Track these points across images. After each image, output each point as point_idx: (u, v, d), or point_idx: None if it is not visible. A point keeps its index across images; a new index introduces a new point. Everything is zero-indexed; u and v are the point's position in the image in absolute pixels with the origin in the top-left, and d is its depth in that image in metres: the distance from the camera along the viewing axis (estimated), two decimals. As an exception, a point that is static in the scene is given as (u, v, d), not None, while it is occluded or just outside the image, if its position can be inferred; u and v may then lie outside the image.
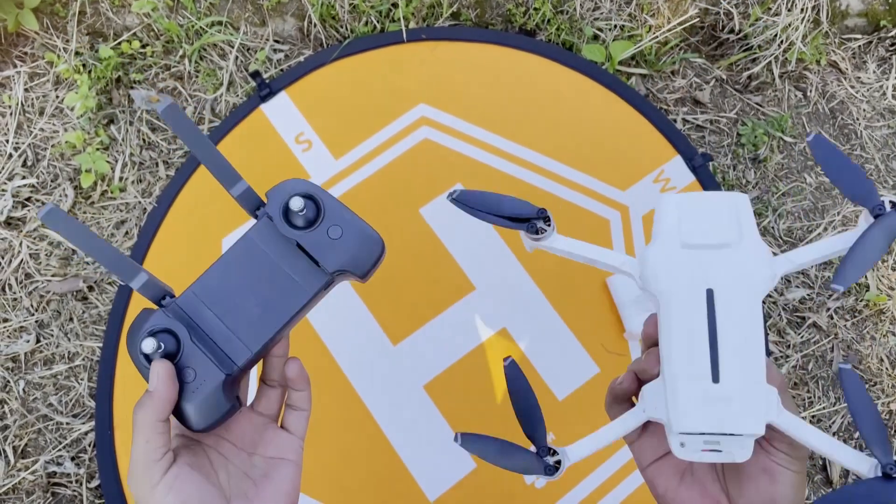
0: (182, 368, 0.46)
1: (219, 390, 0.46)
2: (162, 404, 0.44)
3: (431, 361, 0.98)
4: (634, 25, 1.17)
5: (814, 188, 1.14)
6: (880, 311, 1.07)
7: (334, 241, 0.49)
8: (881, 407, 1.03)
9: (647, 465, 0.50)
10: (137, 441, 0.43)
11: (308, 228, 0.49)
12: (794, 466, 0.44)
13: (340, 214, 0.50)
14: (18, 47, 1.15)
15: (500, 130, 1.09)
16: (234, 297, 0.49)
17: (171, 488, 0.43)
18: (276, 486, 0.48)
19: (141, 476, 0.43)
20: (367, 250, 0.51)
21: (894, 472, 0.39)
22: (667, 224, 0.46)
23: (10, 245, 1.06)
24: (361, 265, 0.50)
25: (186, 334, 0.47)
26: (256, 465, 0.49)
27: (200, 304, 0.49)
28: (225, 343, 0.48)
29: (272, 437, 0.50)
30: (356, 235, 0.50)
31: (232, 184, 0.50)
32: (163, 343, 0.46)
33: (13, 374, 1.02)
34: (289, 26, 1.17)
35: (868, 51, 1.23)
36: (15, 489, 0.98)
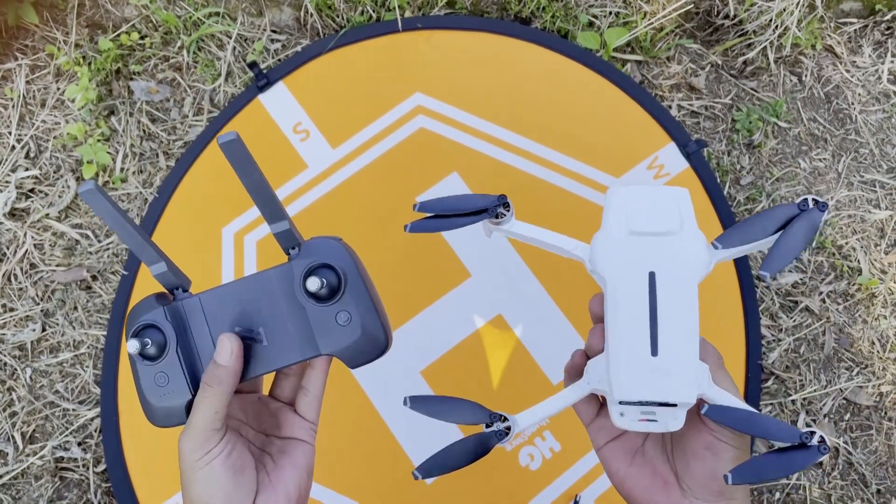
0: (158, 372, 0.48)
1: (182, 407, 0.48)
2: (235, 378, 0.47)
3: (428, 348, 1.00)
4: (629, 12, 1.17)
5: (808, 173, 1.15)
6: (872, 295, 1.09)
7: (339, 326, 0.49)
8: (872, 389, 1.05)
9: (601, 446, 0.53)
10: (206, 409, 0.46)
11: (320, 302, 0.48)
12: (736, 443, 0.47)
13: (359, 300, 0.49)
14: (19, 40, 1.17)
15: (495, 119, 1.10)
16: (232, 325, 0.49)
17: (221, 452, 0.46)
18: (292, 460, 0.50)
19: (200, 441, 0.46)
20: (365, 348, 0.50)
21: (808, 441, 0.42)
22: (615, 212, 0.50)
23: (15, 236, 1.08)
24: (354, 359, 0.50)
25: (174, 342, 0.48)
26: (274, 443, 0.52)
27: (201, 315, 0.49)
28: (206, 360, 0.49)
29: (287, 422, 0.53)
30: (361, 329, 0.49)
31: (274, 220, 0.49)
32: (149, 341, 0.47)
33: (20, 362, 1.04)
34: (285, 16, 1.18)
35: (864, 35, 1.23)
36: (24, 473, 1.01)
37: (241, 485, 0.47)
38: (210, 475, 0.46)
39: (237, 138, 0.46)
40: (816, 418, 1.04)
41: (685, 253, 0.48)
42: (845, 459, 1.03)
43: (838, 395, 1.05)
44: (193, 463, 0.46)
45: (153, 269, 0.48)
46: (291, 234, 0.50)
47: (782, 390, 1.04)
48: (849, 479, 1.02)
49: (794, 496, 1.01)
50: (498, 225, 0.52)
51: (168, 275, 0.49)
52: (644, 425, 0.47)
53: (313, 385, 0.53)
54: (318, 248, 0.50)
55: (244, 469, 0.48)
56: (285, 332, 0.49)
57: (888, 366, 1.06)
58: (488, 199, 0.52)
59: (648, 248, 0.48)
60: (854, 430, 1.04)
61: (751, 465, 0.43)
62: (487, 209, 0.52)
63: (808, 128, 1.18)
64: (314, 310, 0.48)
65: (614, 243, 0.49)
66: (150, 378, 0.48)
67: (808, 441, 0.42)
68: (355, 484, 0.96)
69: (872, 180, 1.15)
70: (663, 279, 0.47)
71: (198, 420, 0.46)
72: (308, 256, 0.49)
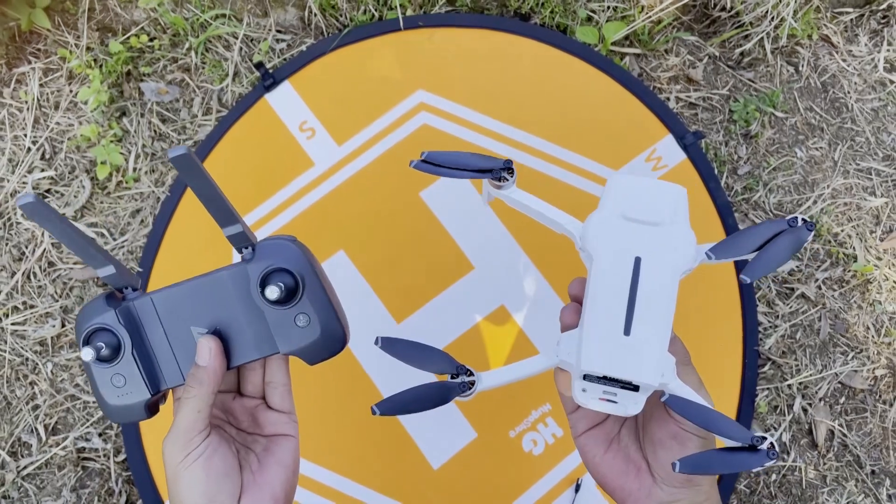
0: (114, 374, 0.48)
1: (141, 406, 0.49)
2: (217, 378, 0.48)
3: (433, 338, 1.03)
4: (627, 6, 1.19)
5: (804, 162, 1.17)
6: (867, 281, 1.11)
7: (298, 328, 0.49)
8: (867, 373, 1.08)
9: (580, 434, 0.55)
10: (187, 410, 0.47)
11: (278, 305, 0.49)
12: (701, 433, 0.49)
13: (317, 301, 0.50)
14: (32, 45, 1.20)
15: (496, 114, 1.13)
16: (187, 324, 0.50)
17: (202, 455, 0.47)
18: (277, 458, 0.51)
19: (182, 442, 0.47)
20: (323, 348, 0.51)
21: (759, 444, 0.44)
22: (613, 197, 0.52)
23: (34, 235, 1.12)
24: (313, 357, 0.51)
25: (129, 344, 0.48)
26: (258, 440, 0.53)
27: (154, 315, 0.50)
28: (163, 360, 0.49)
29: (265, 419, 0.53)
30: (321, 329, 0.50)
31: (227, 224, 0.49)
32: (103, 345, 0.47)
33: (41, 357, 1.08)
34: (290, 16, 1.20)
35: (860, 24, 1.25)
36: (48, 464, 1.05)
37: (222, 489, 0.47)
38: (192, 478, 0.47)
39: (186, 153, 0.45)
40: (812, 402, 1.06)
41: (672, 246, 0.49)
42: (840, 441, 1.06)
43: (833, 380, 1.08)
44: (176, 466, 0.47)
45: (101, 272, 0.48)
46: (245, 236, 0.50)
47: (779, 375, 1.07)
48: (843, 460, 1.05)
49: (789, 477, 1.04)
50: (499, 188, 0.54)
51: (116, 276, 0.49)
52: (603, 405, 0.48)
53: (277, 377, 0.54)
54: (272, 251, 0.50)
55: (228, 472, 0.48)
56: (242, 333, 0.50)
57: (882, 350, 1.08)
58: (495, 161, 0.54)
59: (638, 235, 0.50)
60: (849, 412, 1.07)
61: (700, 457, 0.45)
62: (492, 170, 0.54)
63: (805, 117, 1.20)
64: (272, 313, 0.49)
65: (607, 225, 0.51)
66: (105, 379, 0.48)
67: (758, 444, 0.44)
68: (363, 469, 0.99)
69: (868, 168, 1.17)
70: (648, 266, 0.49)
71: (180, 421, 0.47)
72: (263, 260, 0.49)
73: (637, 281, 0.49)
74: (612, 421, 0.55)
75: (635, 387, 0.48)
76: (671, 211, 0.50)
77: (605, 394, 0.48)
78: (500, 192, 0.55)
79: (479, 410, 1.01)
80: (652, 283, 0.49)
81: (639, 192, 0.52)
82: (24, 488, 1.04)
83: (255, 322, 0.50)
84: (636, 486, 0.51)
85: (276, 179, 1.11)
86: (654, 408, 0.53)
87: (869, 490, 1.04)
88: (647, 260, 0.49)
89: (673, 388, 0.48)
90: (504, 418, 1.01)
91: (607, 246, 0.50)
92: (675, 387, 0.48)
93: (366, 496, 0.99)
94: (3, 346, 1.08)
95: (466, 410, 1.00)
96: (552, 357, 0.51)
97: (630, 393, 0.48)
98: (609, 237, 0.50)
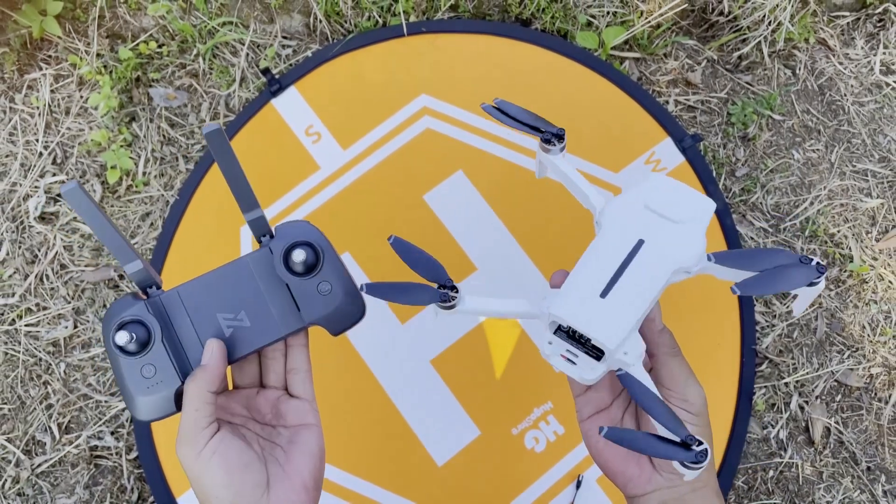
0: (145, 364, 0.49)
1: (171, 395, 0.49)
2: (214, 377, 0.49)
3: (437, 338, 1.06)
4: (626, 11, 1.21)
5: (801, 164, 1.19)
6: (863, 281, 1.13)
7: (321, 296, 0.52)
8: (862, 371, 1.10)
9: (585, 419, 0.57)
10: (188, 410, 0.48)
11: (302, 276, 0.52)
12: (692, 420, 0.52)
13: (336, 271, 0.53)
14: (43, 51, 1.22)
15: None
16: (213, 312, 0.51)
17: (216, 451, 0.47)
18: (302, 448, 0.52)
19: (189, 441, 0.48)
20: (346, 314, 0.53)
21: (692, 443, 0.45)
22: (643, 189, 0.55)
23: (46, 238, 1.15)
24: (337, 325, 0.53)
25: (159, 333, 0.49)
26: (282, 433, 0.54)
27: (181, 308, 0.51)
28: (191, 350, 0.51)
29: (287, 408, 0.54)
30: (343, 297, 0.53)
31: (248, 209, 0.52)
32: (134, 335, 0.48)
33: (54, 357, 1.11)
34: (295, 22, 1.23)
35: (856, 27, 1.27)
36: (61, 461, 1.07)
37: (246, 481, 0.48)
38: (211, 475, 0.47)
39: (220, 128, 0.48)
40: (809, 400, 1.09)
41: (680, 242, 0.52)
42: (836, 439, 1.08)
43: (830, 378, 1.10)
44: (192, 464, 0.47)
45: (129, 268, 0.50)
46: (265, 221, 0.53)
47: (776, 374, 1.09)
48: (840, 457, 1.07)
49: (786, 473, 1.06)
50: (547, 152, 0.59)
51: (143, 272, 0.50)
52: (563, 363, 0.51)
53: (298, 362, 0.55)
54: (291, 230, 0.53)
55: (248, 465, 0.49)
56: (266, 312, 0.52)
57: (878, 349, 1.11)
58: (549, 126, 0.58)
59: (652, 223, 0.52)
60: (845, 410, 1.09)
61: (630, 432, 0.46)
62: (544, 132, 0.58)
63: (802, 120, 1.22)
64: (297, 283, 0.52)
65: (627, 207, 0.54)
66: (135, 372, 0.49)
67: (691, 444, 0.45)
68: (369, 467, 1.02)
69: (864, 169, 1.19)
70: (649, 250, 0.51)
71: (183, 420, 0.48)
72: (284, 238, 0.52)
73: (632, 258, 0.51)
74: (615, 407, 0.57)
75: (597, 355, 0.50)
76: (692, 216, 0.53)
77: (567, 352, 0.51)
78: (546, 155, 0.58)
79: (482, 408, 1.03)
80: (645, 266, 0.51)
81: (669, 191, 0.54)
82: (39, 486, 1.06)
83: (279, 300, 0.52)
84: (637, 472, 0.54)
85: (282, 183, 1.14)
86: None
87: (864, 486, 1.06)
88: (650, 244, 0.51)
89: (634, 371, 0.49)
90: (507, 416, 1.03)
91: (619, 222, 0.53)
92: (635, 371, 0.49)
93: (371, 492, 1.01)
94: (16, 346, 1.11)
95: (470, 408, 1.03)
96: (535, 305, 0.53)
97: (591, 360, 0.50)
98: (624, 216, 0.53)
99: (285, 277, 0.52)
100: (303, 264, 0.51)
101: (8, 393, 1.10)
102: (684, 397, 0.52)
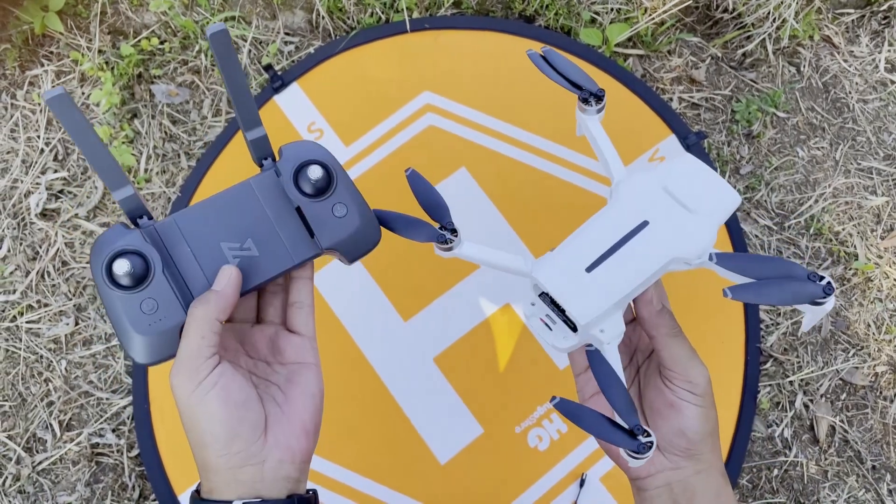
0: (144, 298, 0.44)
1: (176, 331, 0.44)
2: (226, 304, 0.45)
3: (440, 336, 1.05)
4: (630, 8, 1.21)
5: (805, 161, 1.19)
6: (868, 279, 1.12)
7: (337, 218, 0.48)
8: (867, 370, 1.09)
9: (588, 398, 0.56)
10: (191, 336, 0.43)
11: (315, 197, 0.47)
12: (696, 401, 0.50)
13: (350, 193, 0.48)
14: (45, 48, 1.22)
15: (501, 115, 1.15)
16: (216, 240, 0.47)
17: (216, 384, 0.43)
18: (301, 388, 0.49)
19: (189, 371, 0.43)
20: (364, 238, 0.49)
21: (639, 433, 0.44)
22: (667, 170, 0.53)
23: (47, 235, 1.14)
24: (354, 251, 0.49)
25: (160, 262, 0.44)
26: (279, 371, 0.50)
27: (179, 236, 0.46)
28: (193, 283, 0.46)
29: (286, 344, 0.51)
30: (360, 219, 0.48)
31: (251, 127, 0.48)
32: (133, 266, 0.43)
33: (55, 354, 1.10)
34: (298, 19, 1.22)
35: (861, 24, 1.26)
36: (62, 459, 1.07)
37: (244, 419, 0.44)
38: (207, 410, 0.43)
39: (225, 30, 0.43)
40: (814, 398, 1.08)
41: (687, 232, 0.50)
42: (841, 437, 1.07)
43: (835, 376, 1.09)
44: (188, 397, 0.43)
45: (118, 194, 0.45)
46: (267, 141, 0.49)
47: (780, 372, 1.09)
48: (844, 455, 1.07)
49: (791, 472, 1.06)
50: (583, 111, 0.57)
51: (135, 199, 0.45)
52: (539, 326, 0.51)
53: (302, 296, 0.51)
54: (298, 150, 0.48)
55: (247, 402, 0.45)
56: (276, 240, 0.47)
57: (883, 347, 1.10)
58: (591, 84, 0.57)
59: (664, 207, 0.51)
60: (850, 409, 1.09)
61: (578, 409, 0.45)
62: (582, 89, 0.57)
63: (807, 117, 1.21)
64: (310, 206, 0.47)
65: (644, 185, 0.52)
66: (134, 308, 0.44)
67: (637, 433, 0.44)
68: (372, 464, 1.01)
69: (869, 167, 1.19)
70: (651, 233, 0.50)
71: (184, 347, 0.44)
72: (292, 158, 0.48)
73: (630, 238, 0.50)
74: None
75: (573, 326, 0.49)
76: (710, 208, 0.51)
77: (546, 317, 0.51)
78: (581, 115, 0.57)
79: (485, 406, 1.02)
80: (643, 248, 0.49)
81: (695, 177, 0.52)
82: (40, 483, 1.06)
83: (290, 226, 0.48)
84: None
85: (284, 180, 1.13)
86: (651, 376, 0.55)
87: (870, 485, 1.06)
88: (654, 228, 0.50)
89: (606, 350, 0.48)
90: (510, 414, 1.02)
91: (630, 199, 0.51)
92: (608, 350, 0.48)
93: (374, 490, 1.00)
94: (18, 343, 1.10)
95: (473, 406, 1.02)
96: (528, 262, 0.52)
97: (566, 329, 0.50)
98: (638, 194, 0.51)
99: (297, 200, 0.47)
100: (318, 183, 0.47)
101: (9, 390, 1.09)
102: (687, 378, 0.51)
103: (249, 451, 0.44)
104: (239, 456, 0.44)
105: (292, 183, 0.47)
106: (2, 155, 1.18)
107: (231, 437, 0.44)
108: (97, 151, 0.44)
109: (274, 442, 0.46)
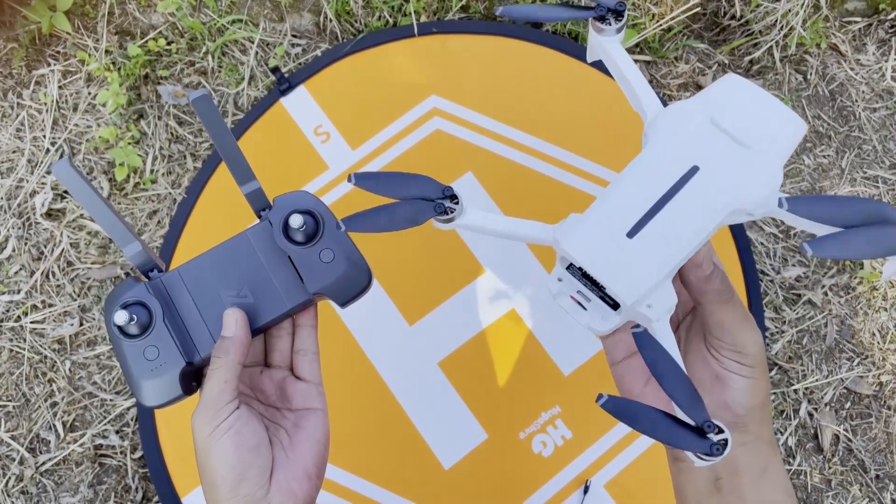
0: (147, 346, 0.47)
1: (175, 376, 0.48)
2: (243, 348, 0.47)
3: (445, 340, 1.05)
4: (638, 14, 1.21)
5: (812, 169, 1.19)
6: (873, 288, 1.12)
7: (324, 263, 0.50)
8: (872, 379, 1.09)
9: (618, 361, 0.50)
10: (216, 381, 0.46)
11: (302, 245, 0.50)
12: (745, 372, 0.45)
13: (337, 239, 0.51)
14: (51, 47, 1.22)
15: (508, 120, 1.14)
16: (216, 290, 0.50)
17: (231, 428, 0.46)
18: (307, 433, 0.50)
19: (210, 413, 0.46)
20: (351, 281, 0.51)
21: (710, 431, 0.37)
22: (712, 95, 0.44)
23: (52, 235, 1.14)
24: (342, 294, 0.51)
25: (160, 313, 0.48)
26: (286, 416, 0.52)
27: (182, 287, 0.50)
28: (195, 330, 0.49)
29: (293, 390, 0.52)
30: (346, 264, 0.51)
31: (244, 181, 0.51)
32: (135, 316, 0.47)
33: (60, 355, 1.10)
34: (305, 21, 1.22)
35: (868, 33, 1.26)
36: (65, 460, 1.07)
37: (253, 463, 0.46)
38: (222, 451, 0.45)
39: (207, 94, 0.47)
40: (818, 407, 1.08)
41: (747, 174, 0.40)
42: (845, 446, 1.07)
43: (839, 385, 1.09)
44: (205, 439, 0.46)
45: (127, 250, 0.49)
46: (262, 194, 0.52)
47: (785, 380, 1.09)
48: (848, 464, 1.07)
49: (795, 481, 1.06)
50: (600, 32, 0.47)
51: (143, 254, 0.49)
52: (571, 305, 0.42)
53: (306, 343, 0.53)
54: (289, 199, 0.51)
55: (258, 446, 0.47)
56: (270, 287, 0.50)
57: (888, 356, 1.10)
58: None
59: (714, 145, 0.41)
60: (854, 418, 1.09)
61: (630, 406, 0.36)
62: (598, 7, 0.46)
63: (813, 125, 1.21)
64: (298, 253, 0.50)
65: (687, 119, 0.43)
66: (137, 354, 0.48)
67: (708, 431, 0.36)
68: (376, 469, 1.01)
69: (875, 176, 1.19)
70: (702, 181, 0.40)
71: (207, 392, 0.46)
72: (282, 208, 0.51)
73: (678, 190, 0.40)
74: None
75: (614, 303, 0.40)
76: (771, 139, 0.41)
77: (578, 294, 0.42)
78: (598, 37, 0.48)
79: (489, 412, 1.02)
80: (694, 201, 0.40)
81: (746, 101, 0.43)
82: (43, 484, 1.06)
83: (282, 273, 0.51)
84: None
85: (291, 182, 1.13)
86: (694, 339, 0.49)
87: (873, 494, 1.05)
88: (704, 173, 0.40)
89: (656, 328, 0.40)
90: (514, 420, 1.02)
91: (671, 139, 0.42)
92: (658, 328, 0.40)
93: (377, 495, 1.00)
94: (22, 344, 1.10)
95: (477, 412, 1.02)
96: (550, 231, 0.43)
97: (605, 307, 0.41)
98: (680, 131, 0.42)
99: (286, 248, 0.50)
100: (302, 231, 0.49)
101: (13, 390, 1.09)
102: (736, 347, 0.45)
103: (256, 496, 0.46)
104: (245, 499, 0.46)
105: (282, 232, 0.50)
106: (7, 154, 1.18)
107: (239, 481, 0.46)
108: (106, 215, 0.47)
109: (277, 486, 0.47)
